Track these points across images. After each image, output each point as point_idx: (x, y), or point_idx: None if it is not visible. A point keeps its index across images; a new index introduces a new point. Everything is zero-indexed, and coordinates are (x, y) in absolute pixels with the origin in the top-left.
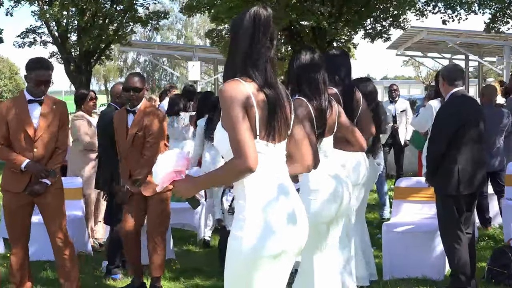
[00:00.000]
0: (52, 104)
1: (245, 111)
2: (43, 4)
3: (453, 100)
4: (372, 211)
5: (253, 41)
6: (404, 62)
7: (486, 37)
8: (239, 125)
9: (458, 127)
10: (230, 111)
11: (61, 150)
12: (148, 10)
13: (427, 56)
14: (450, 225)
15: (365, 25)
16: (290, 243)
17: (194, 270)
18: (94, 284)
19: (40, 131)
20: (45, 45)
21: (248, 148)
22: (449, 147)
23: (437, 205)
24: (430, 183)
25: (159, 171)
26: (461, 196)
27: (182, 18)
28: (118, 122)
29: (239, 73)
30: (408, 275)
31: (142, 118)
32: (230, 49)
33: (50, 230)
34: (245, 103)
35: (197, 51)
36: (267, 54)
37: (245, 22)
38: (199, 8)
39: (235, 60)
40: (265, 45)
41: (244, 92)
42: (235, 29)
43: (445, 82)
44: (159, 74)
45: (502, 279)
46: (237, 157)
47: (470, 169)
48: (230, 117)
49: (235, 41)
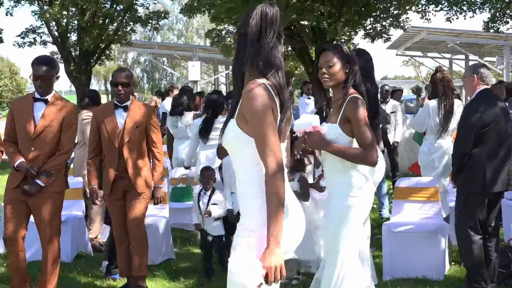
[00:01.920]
0: (59, 106)
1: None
2: (43, 4)
3: (479, 98)
4: (372, 211)
5: (262, 39)
6: (404, 62)
7: (486, 37)
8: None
9: (484, 125)
10: (266, 117)
11: (61, 152)
12: (148, 10)
13: (427, 56)
14: (466, 224)
15: (365, 25)
16: (296, 241)
17: (194, 270)
18: (94, 284)
19: (39, 130)
20: (45, 45)
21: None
22: (474, 145)
23: (456, 202)
24: (455, 181)
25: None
26: (486, 195)
27: (182, 18)
28: (104, 117)
29: (251, 72)
30: (408, 275)
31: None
32: (239, 48)
33: (40, 234)
34: (273, 108)
35: (197, 51)
36: (277, 52)
37: (253, 20)
38: (199, 8)
39: (246, 59)
40: (275, 43)
41: (272, 97)
42: (244, 28)
43: (478, 80)
44: (159, 74)
45: (502, 279)
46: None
47: (496, 168)
48: (263, 126)
49: (244, 40)
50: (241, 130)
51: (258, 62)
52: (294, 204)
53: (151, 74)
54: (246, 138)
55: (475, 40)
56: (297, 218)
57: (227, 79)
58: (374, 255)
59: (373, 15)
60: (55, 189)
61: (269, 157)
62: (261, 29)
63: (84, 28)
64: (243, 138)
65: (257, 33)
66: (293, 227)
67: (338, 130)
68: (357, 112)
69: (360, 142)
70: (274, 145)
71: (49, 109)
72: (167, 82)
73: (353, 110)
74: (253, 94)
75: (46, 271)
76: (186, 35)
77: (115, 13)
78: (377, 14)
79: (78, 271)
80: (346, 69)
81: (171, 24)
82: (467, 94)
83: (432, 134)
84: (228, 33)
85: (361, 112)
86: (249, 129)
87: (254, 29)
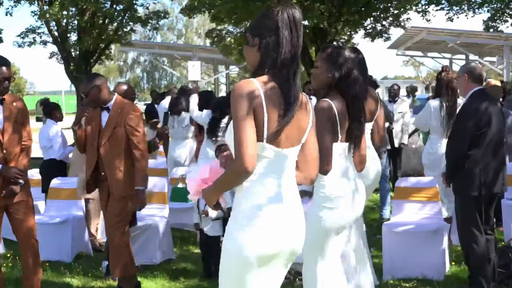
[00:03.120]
0: (11, 102)
1: (251, 111)
2: (43, 4)
3: (474, 100)
4: (372, 211)
5: (280, 40)
6: (404, 62)
7: (486, 37)
8: (242, 124)
9: (480, 128)
10: (237, 110)
11: (26, 147)
12: (148, 10)
13: (427, 56)
14: (469, 225)
15: (365, 24)
16: (282, 247)
17: (194, 270)
18: (94, 284)
19: (5, 131)
20: (45, 45)
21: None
22: (470, 147)
23: (456, 205)
24: (449, 184)
25: (190, 182)
26: (482, 197)
27: (182, 18)
28: (90, 118)
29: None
30: (408, 275)
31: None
32: (250, 50)
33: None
34: (251, 103)
35: (197, 51)
36: (295, 52)
37: (270, 21)
38: (199, 8)
39: (260, 60)
40: (293, 44)
41: (252, 91)
42: (260, 29)
43: (469, 79)
44: (159, 74)
45: (502, 279)
46: (235, 159)
47: (492, 169)
48: (236, 117)
49: (260, 41)
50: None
51: (272, 65)
52: (296, 213)
53: (151, 74)
54: None
55: (475, 40)
56: (295, 226)
57: (227, 79)
58: (374, 255)
59: (373, 15)
60: (25, 191)
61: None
62: (279, 30)
63: (84, 28)
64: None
65: (276, 35)
66: (286, 231)
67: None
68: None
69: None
70: (242, 138)
71: (6, 108)
72: (167, 82)
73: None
74: (233, 87)
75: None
76: (186, 35)
77: (115, 13)
78: (377, 14)
79: (78, 271)
80: (329, 73)
81: (171, 24)
82: (460, 94)
83: (435, 134)
84: (228, 33)
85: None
86: None
87: (273, 30)
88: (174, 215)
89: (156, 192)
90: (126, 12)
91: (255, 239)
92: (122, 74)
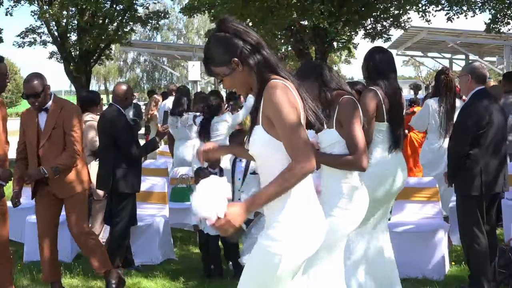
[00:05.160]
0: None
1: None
2: (43, 4)
3: (476, 99)
4: None
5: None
6: (404, 62)
7: (486, 37)
8: (297, 127)
9: (481, 127)
10: (288, 114)
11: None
12: (148, 10)
13: (427, 56)
14: (470, 225)
15: (365, 25)
16: (316, 246)
17: (194, 270)
18: (94, 284)
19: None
20: (45, 45)
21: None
22: (471, 146)
23: (457, 205)
24: (451, 183)
25: (204, 202)
26: (484, 197)
27: (182, 18)
28: (28, 120)
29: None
30: (408, 275)
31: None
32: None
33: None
34: (296, 107)
35: (197, 51)
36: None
37: (227, 40)
38: (199, 8)
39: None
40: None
41: (294, 95)
42: (226, 53)
43: (473, 79)
44: (159, 74)
45: (502, 279)
46: (302, 159)
47: (493, 169)
48: (289, 120)
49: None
50: (269, 135)
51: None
52: (315, 207)
53: (151, 74)
54: (275, 143)
55: (475, 40)
56: (317, 221)
57: None
58: None
59: (373, 15)
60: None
61: (295, 151)
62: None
63: (84, 28)
64: (272, 143)
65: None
66: (313, 231)
67: (334, 136)
68: (348, 113)
69: (348, 146)
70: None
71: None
72: (167, 82)
73: (344, 112)
74: (273, 92)
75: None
76: (186, 35)
77: (115, 13)
78: (377, 14)
79: (78, 271)
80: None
81: (171, 24)
82: (462, 93)
83: (433, 134)
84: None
85: (353, 113)
86: (276, 132)
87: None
88: (174, 215)
89: (156, 192)
90: (126, 12)
91: (302, 240)
92: (122, 74)
